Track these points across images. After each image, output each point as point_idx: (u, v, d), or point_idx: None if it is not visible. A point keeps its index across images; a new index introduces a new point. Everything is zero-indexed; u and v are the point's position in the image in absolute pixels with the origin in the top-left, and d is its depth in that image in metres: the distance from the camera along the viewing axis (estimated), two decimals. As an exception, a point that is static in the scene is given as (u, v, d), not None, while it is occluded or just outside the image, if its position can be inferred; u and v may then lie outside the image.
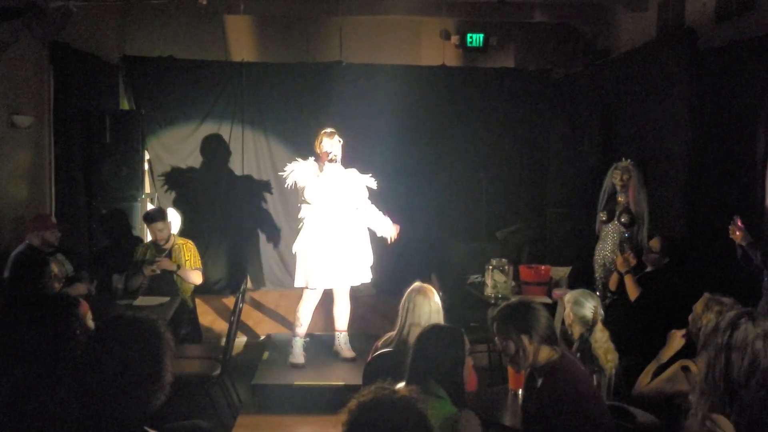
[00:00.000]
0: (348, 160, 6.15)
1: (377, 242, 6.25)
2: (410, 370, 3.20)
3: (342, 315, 6.21)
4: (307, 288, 5.98)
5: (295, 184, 5.98)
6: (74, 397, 2.38)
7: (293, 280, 6.17)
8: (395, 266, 8.14)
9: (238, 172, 8.83)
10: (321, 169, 5.94)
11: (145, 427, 2.35)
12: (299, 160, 6.08)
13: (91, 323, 4.17)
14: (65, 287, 5.09)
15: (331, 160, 5.87)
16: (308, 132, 6.21)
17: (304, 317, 6.08)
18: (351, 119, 8.31)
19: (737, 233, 4.80)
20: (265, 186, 8.81)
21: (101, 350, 2.35)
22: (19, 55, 6.46)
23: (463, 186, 8.99)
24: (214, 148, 8.75)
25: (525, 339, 3.19)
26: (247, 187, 8.83)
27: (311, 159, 6.06)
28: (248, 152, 8.84)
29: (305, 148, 6.39)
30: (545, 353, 3.20)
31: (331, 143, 5.96)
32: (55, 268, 4.70)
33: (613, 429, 3.29)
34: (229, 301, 7.97)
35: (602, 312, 4.21)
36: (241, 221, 8.84)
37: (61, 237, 5.99)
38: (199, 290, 6.74)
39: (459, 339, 3.31)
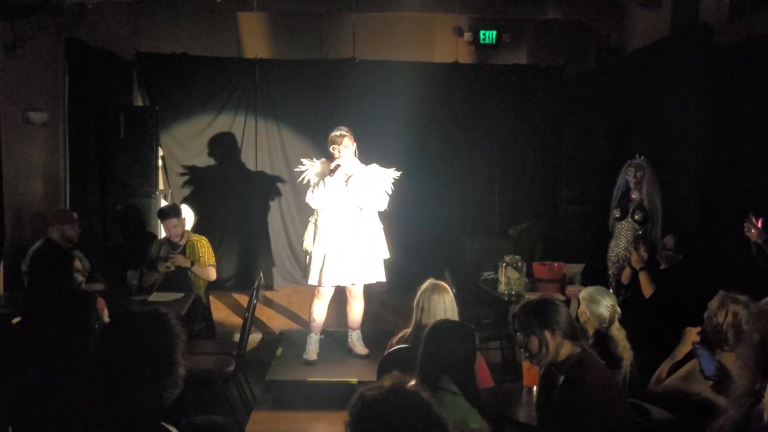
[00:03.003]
0: (361, 157, 6.12)
1: (389, 239, 6.23)
2: (421, 365, 3.20)
3: (356, 313, 6.21)
4: (319, 285, 5.99)
5: (309, 181, 5.99)
6: (91, 391, 2.40)
7: (306, 276, 6.16)
8: (408, 263, 8.14)
9: (251, 168, 8.86)
10: (332, 171, 5.91)
11: (162, 422, 2.36)
12: (314, 159, 6.08)
13: (107, 319, 4.20)
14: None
15: (337, 166, 5.84)
16: (321, 129, 6.21)
17: (318, 314, 6.10)
18: (364, 116, 8.34)
19: (752, 231, 4.78)
20: (279, 182, 8.84)
21: (113, 345, 2.37)
22: (34, 52, 6.50)
23: (476, 183, 8.99)
24: (228, 145, 8.79)
25: (548, 334, 3.20)
26: (260, 184, 8.86)
27: (324, 160, 6.04)
28: (261, 149, 8.86)
29: (318, 145, 6.40)
30: (567, 348, 3.21)
31: (339, 149, 5.87)
32: (78, 263, 4.74)
33: (634, 423, 3.29)
34: (242, 297, 8.00)
35: (619, 310, 4.21)
36: (255, 218, 8.88)
37: (80, 233, 6.07)
38: (212, 286, 6.77)
39: (469, 334, 3.32)
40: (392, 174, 5.99)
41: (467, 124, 8.99)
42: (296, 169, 6.17)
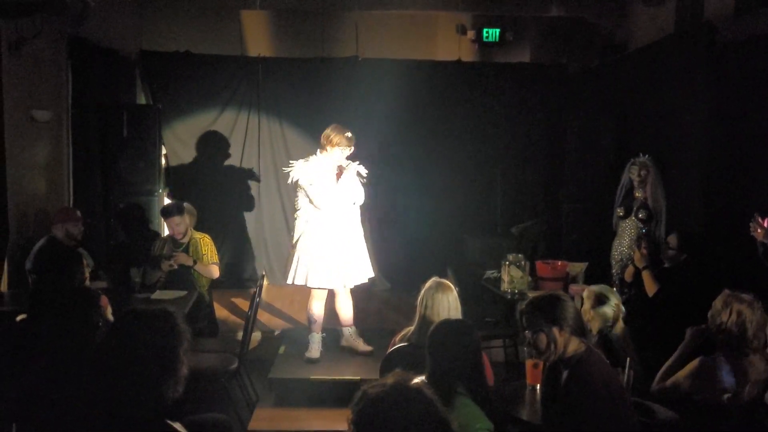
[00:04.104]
0: (361, 157, 6.12)
1: (389, 238, 6.22)
2: (431, 372, 3.17)
3: (346, 310, 6.18)
4: (326, 287, 5.98)
5: (297, 181, 5.94)
6: (95, 388, 2.41)
7: (305, 278, 6.00)
8: (410, 261, 8.14)
9: (253, 167, 8.86)
10: (327, 170, 5.88)
11: (166, 420, 2.37)
12: (309, 159, 6.02)
13: (110, 317, 4.21)
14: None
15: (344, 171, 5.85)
16: (324, 127, 6.20)
17: (318, 313, 6.10)
18: (366, 114, 8.34)
19: (758, 231, 4.76)
20: (281, 181, 8.82)
21: (117, 343, 2.38)
22: (38, 50, 6.51)
23: (479, 181, 8.98)
24: (230, 143, 8.80)
25: (555, 330, 3.18)
26: (263, 182, 8.87)
27: (315, 159, 5.95)
28: (264, 147, 8.87)
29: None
30: (574, 345, 3.19)
31: (344, 153, 5.87)
32: (83, 261, 4.75)
33: (637, 422, 3.28)
34: (244, 295, 8.00)
35: (623, 309, 4.20)
36: (257, 216, 8.88)
37: (83, 231, 6.09)
38: (214, 284, 6.77)
39: (473, 332, 3.31)
40: (360, 168, 5.98)
41: (470, 122, 8.98)
42: (284, 169, 6.12)
